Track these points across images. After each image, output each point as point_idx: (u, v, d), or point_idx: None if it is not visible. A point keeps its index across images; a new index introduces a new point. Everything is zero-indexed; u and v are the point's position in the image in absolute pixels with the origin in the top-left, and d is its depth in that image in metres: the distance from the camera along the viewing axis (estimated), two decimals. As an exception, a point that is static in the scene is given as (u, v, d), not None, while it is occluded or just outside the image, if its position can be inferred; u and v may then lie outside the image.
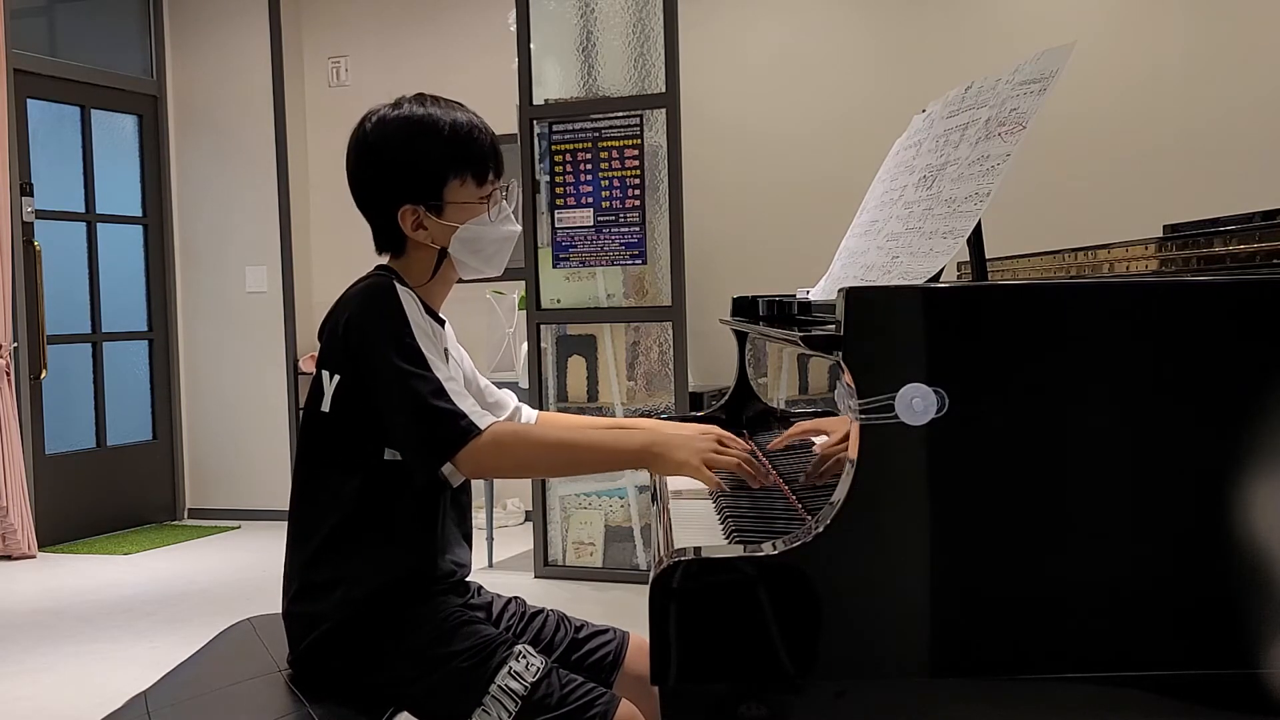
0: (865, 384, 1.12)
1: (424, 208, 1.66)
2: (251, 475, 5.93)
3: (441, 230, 1.67)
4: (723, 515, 1.49)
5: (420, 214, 1.66)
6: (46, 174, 5.44)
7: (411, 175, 1.65)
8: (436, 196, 1.66)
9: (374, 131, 1.67)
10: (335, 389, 1.61)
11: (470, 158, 1.67)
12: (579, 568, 4.42)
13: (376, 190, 1.68)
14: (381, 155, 1.67)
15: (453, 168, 1.66)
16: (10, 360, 5.03)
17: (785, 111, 5.14)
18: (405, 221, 1.66)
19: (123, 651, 3.65)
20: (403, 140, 1.65)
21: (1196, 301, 1.12)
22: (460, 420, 1.52)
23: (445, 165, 1.66)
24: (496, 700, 1.51)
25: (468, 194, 1.68)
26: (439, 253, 1.69)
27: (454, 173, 1.66)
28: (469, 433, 1.52)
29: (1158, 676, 1.11)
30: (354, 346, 1.58)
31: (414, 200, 1.65)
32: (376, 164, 1.67)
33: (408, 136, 1.65)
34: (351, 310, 1.60)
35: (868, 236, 1.77)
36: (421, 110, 1.67)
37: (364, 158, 1.68)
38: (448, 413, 1.53)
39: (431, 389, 1.53)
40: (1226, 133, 4.58)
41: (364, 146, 1.68)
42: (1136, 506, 1.12)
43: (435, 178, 1.66)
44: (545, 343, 4.46)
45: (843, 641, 1.11)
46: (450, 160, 1.66)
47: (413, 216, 1.66)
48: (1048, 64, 1.34)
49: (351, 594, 1.59)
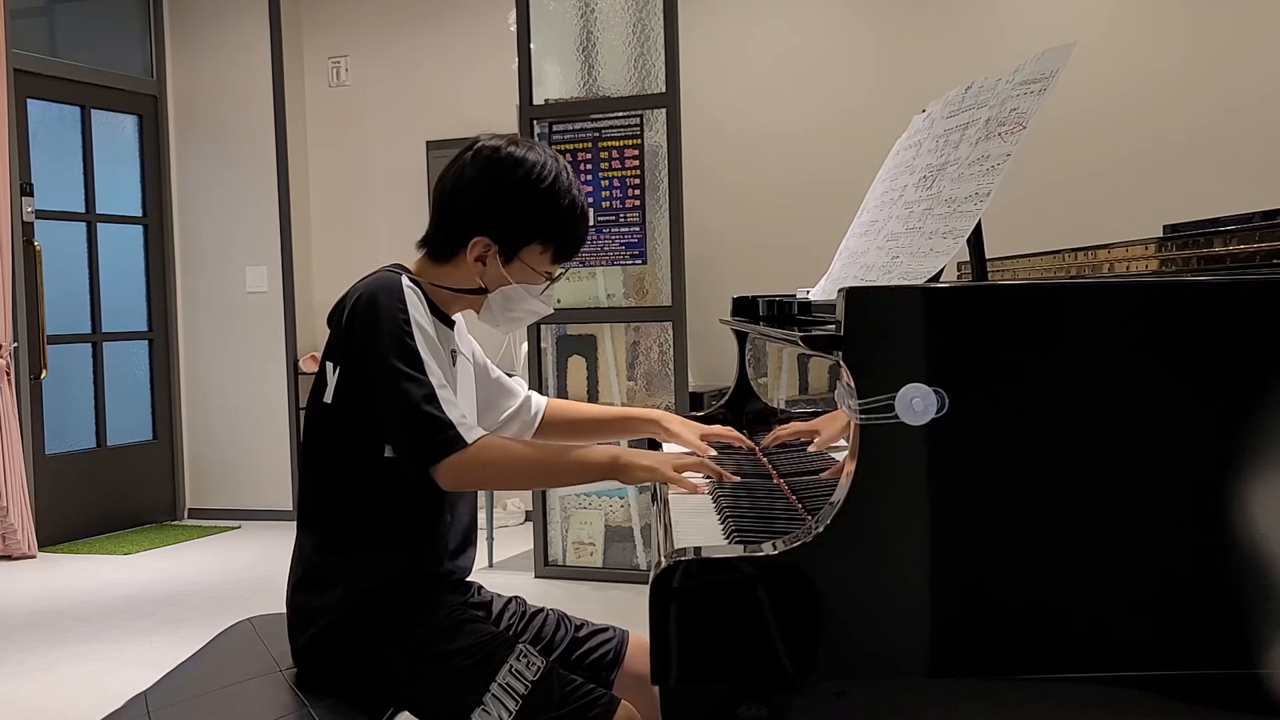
0: (865, 384, 1.12)
1: (497, 249, 1.66)
2: (251, 475, 5.93)
3: (497, 276, 1.68)
4: (723, 515, 1.49)
5: (492, 253, 1.66)
6: (46, 174, 5.44)
7: (511, 219, 1.66)
8: (515, 248, 1.67)
9: (507, 158, 1.66)
10: (337, 381, 1.62)
11: (567, 237, 1.69)
12: (579, 568, 4.42)
13: (468, 210, 1.66)
14: (497, 186, 1.66)
15: (545, 235, 1.67)
16: (10, 360, 5.03)
17: (785, 111, 5.14)
18: (473, 249, 1.66)
19: (123, 651, 3.65)
20: (527, 182, 1.65)
21: (1196, 301, 1.12)
22: (448, 430, 1.53)
23: (543, 231, 1.67)
24: (497, 699, 1.51)
25: (541, 264, 1.69)
26: (478, 288, 1.70)
27: (543, 240, 1.67)
28: (454, 444, 1.53)
29: (1158, 676, 1.11)
30: (355, 341, 1.59)
31: (494, 238, 1.66)
32: (490, 187, 1.66)
33: (534, 181, 1.65)
34: (356, 303, 1.61)
35: (868, 236, 1.77)
36: (556, 166, 1.67)
37: (479, 176, 1.67)
38: (436, 420, 1.53)
39: (424, 393, 1.54)
40: (1226, 133, 4.58)
41: (489, 164, 1.67)
42: (1136, 506, 1.12)
43: (526, 234, 1.67)
44: (545, 343, 4.46)
45: (843, 641, 1.11)
46: (549, 229, 1.67)
47: (483, 249, 1.66)
48: (1048, 64, 1.34)
49: (352, 590, 1.59)
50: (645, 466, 1.59)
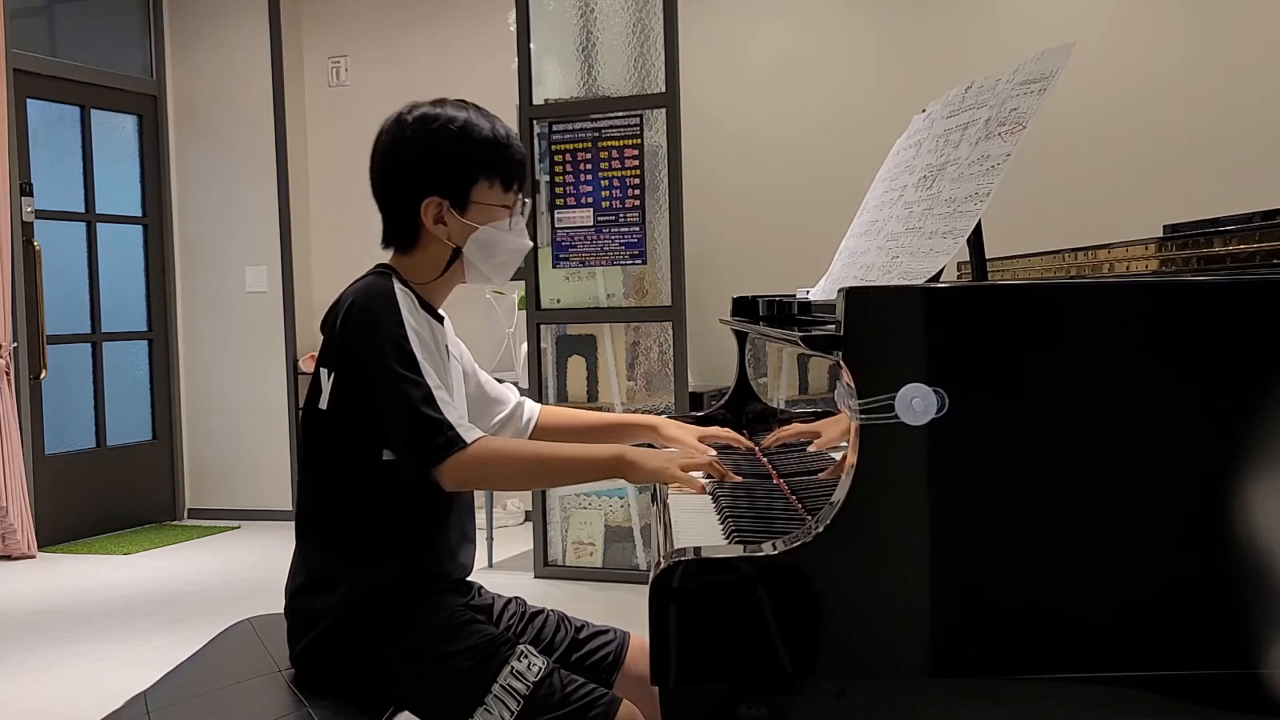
0: (865, 384, 1.12)
1: (449, 202, 1.67)
2: (251, 475, 5.93)
3: (461, 229, 1.68)
4: (723, 515, 1.49)
5: (444, 208, 1.67)
6: (46, 174, 5.44)
7: (446, 168, 1.67)
8: (464, 194, 1.68)
9: (415, 123, 1.68)
10: (332, 386, 1.62)
11: (503, 163, 1.70)
12: (579, 568, 4.42)
13: (405, 179, 1.68)
14: (418, 145, 1.67)
15: (485, 169, 1.68)
16: (10, 360, 5.03)
17: (785, 111, 5.14)
18: (427, 214, 1.67)
19: (123, 651, 3.65)
20: (443, 134, 1.67)
21: (1196, 301, 1.12)
22: (447, 431, 1.53)
23: (479, 165, 1.68)
24: (499, 700, 1.51)
25: (494, 197, 1.70)
26: (452, 252, 1.70)
27: (485, 174, 1.68)
28: (453, 444, 1.53)
29: (1158, 676, 1.11)
30: (350, 345, 1.59)
31: (441, 193, 1.67)
32: (411, 153, 1.68)
33: (449, 131, 1.67)
34: (349, 309, 1.61)
35: (868, 236, 1.77)
36: (464, 113, 1.69)
37: (399, 145, 1.69)
38: (435, 422, 1.53)
39: (422, 395, 1.54)
40: (1226, 133, 4.58)
41: (401, 135, 1.69)
42: (1136, 506, 1.12)
43: (467, 175, 1.67)
44: (545, 343, 4.46)
45: (843, 641, 1.11)
46: (485, 162, 1.68)
47: (436, 209, 1.67)
48: (1048, 64, 1.34)
49: (353, 591, 1.59)
50: (653, 468, 1.59)
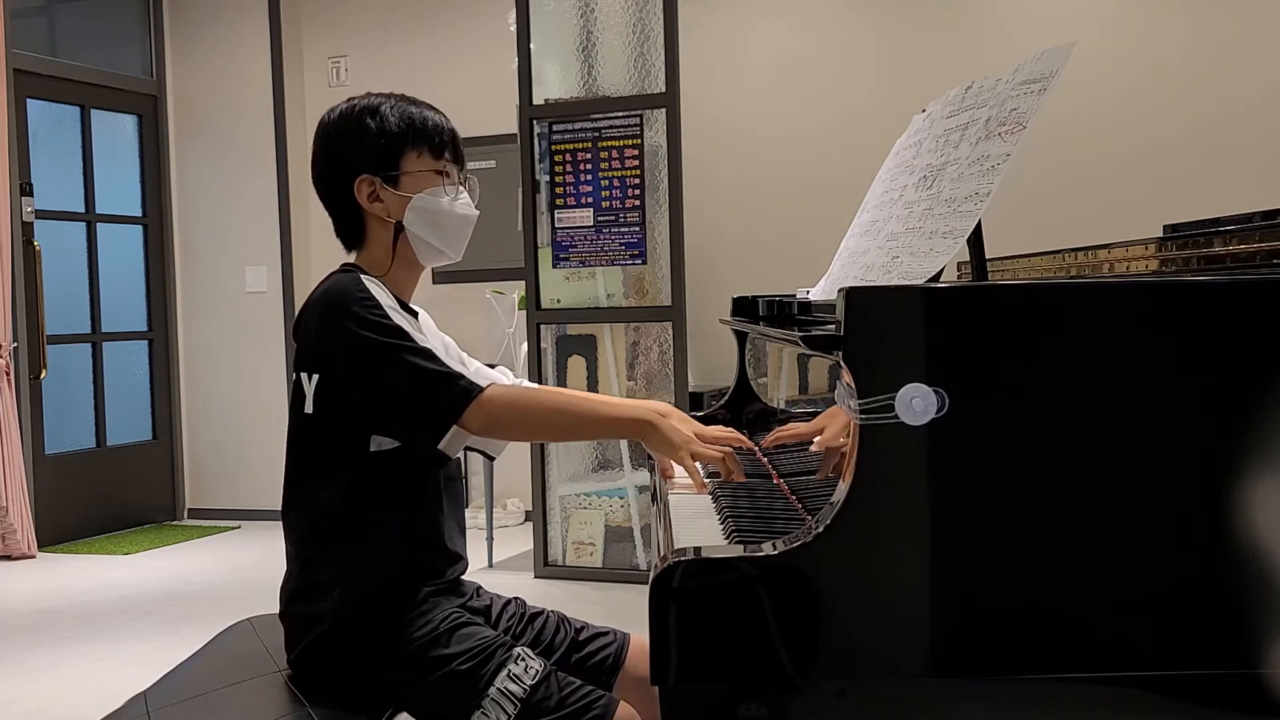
0: (865, 384, 1.12)
1: (380, 178, 1.67)
2: (251, 475, 5.93)
3: (397, 201, 1.69)
4: (723, 515, 1.49)
5: (376, 185, 1.68)
6: (46, 174, 5.44)
7: (368, 143, 1.67)
8: (393, 166, 1.68)
9: (337, 115, 1.71)
10: (316, 389, 1.61)
11: (426, 131, 1.70)
12: (579, 568, 4.42)
13: (335, 166, 1.69)
14: (341, 130, 1.69)
15: (409, 138, 1.69)
16: (10, 360, 5.03)
17: (785, 111, 5.14)
18: (361, 193, 1.68)
19: (123, 651, 3.65)
20: (362, 115, 1.69)
21: (1196, 301, 1.12)
22: (459, 380, 1.53)
23: (402, 136, 1.69)
24: (495, 703, 1.51)
25: (424, 165, 1.70)
26: (395, 229, 1.70)
27: (411, 143, 1.69)
28: (470, 391, 1.52)
29: (1158, 676, 1.11)
30: (328, 340, 1.58)
31: (370, 170, 1.67)
32: (336, 139, 1.70)
33: (367, 111, 1.69)
34: (322, 307, 1.61)
35: (868, 236, 1.77)
36: (385, 98, 1.71)
37: (325, 136, 1.71)
38: (445, 375, 1.53)
39: (423, 354, 1.54)
40: (1226, 133, 4.58)
41: (326, 130, 1.72)
42: (1136, 506, 1.11)
43: (392, 147, 1.68)
44: (545, 343, 4.46)
45: (843, 641, 1.11)
46: (407, 132, 1.69)
47: (369, 188, 1.68)
48: (1048, 64, 1.34)
49: (349, 593, 1.59)
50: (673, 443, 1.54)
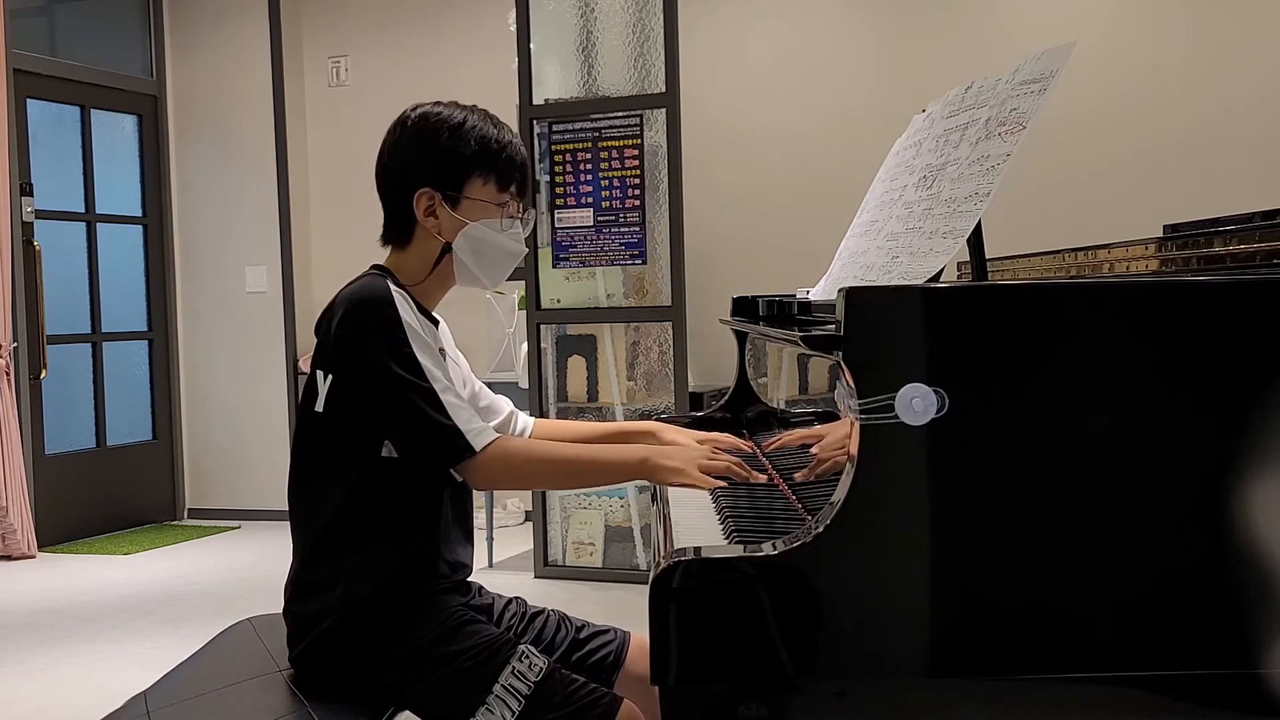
0: (865, 384, 1.12)
1: (441, 195, 1.68)
2: (251, 475, 5.93)
3: (451, 223, 1.69)
4: (723, 515, 1.49)
5: (436, 200, 1.68)
6: (46, 174, 5.44)
7: (439, 159, 1.68)
8: (456, 188, 1.68)
9: (417, 117, 1.71)
10: (329, 389, 1.61)
11: (499, 162, 1.70)
12: (579, 568, 4.42)
13: (401, 169, 1.69)
14: (415, 138, 1.69)
15: (480, 165, 1.69)
16: (10, 360, 5.03)
17: (785, 111, 5.14)
18: (419, 205, 1.68)
19: (123, 651, 3.65)
20: (439, 128, 1.68)
21: (1196, 301, 1.12)
22: (458, 440, 1.54)
23: (474, 161, 1.68)
24: (500, 700, 1.51)
25: (487, 194, 1.70)
26: (442, 248, 1.69)
27: (480, 170, 1.69)
28: (465, 453, 1.54)
29: (1158, 677, 1.11)
30: (349, 350, 1.58)
31: (434, 185, 1.67)
32: (409, 144, 1.70)
33: (446, 126, 1.68)
34: (346, 312, 1.60)
35: (868, 236, 1.77)
36: (466, 113, 1.71)
37: (399, 137, 1.71)
38: (446, 429, 1.54)
39: (429, 401, 1.54)
40: (1226, 133, 4.58)
41: (403, 128, 1.71)
42: (1136, 507, 1.11)
43: (461, 169, 1.68)
44: (545, 343, 4.46)
45: (843, 641, 1.11)
46: (480, 158, 1.69)
47: (428, 201, 1.68)
48: (1048, 64, 1.34)
49: (351, 593, 1.59)
50: (674, 469, 1.57)
